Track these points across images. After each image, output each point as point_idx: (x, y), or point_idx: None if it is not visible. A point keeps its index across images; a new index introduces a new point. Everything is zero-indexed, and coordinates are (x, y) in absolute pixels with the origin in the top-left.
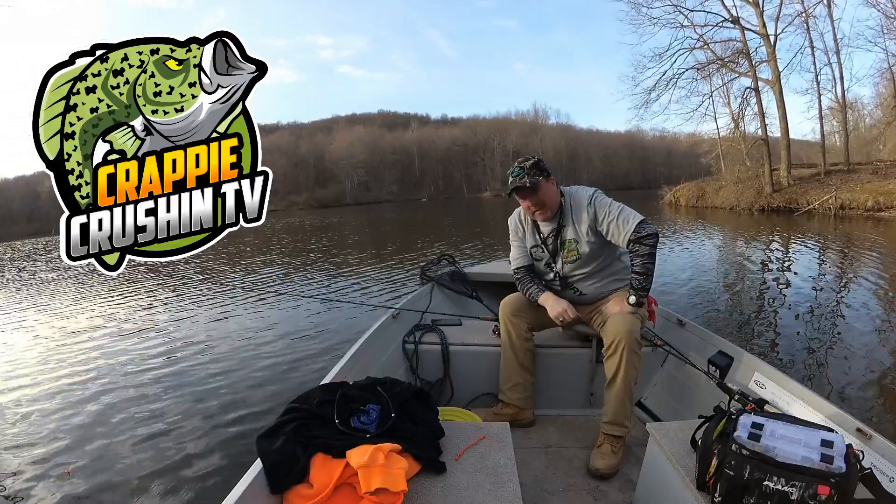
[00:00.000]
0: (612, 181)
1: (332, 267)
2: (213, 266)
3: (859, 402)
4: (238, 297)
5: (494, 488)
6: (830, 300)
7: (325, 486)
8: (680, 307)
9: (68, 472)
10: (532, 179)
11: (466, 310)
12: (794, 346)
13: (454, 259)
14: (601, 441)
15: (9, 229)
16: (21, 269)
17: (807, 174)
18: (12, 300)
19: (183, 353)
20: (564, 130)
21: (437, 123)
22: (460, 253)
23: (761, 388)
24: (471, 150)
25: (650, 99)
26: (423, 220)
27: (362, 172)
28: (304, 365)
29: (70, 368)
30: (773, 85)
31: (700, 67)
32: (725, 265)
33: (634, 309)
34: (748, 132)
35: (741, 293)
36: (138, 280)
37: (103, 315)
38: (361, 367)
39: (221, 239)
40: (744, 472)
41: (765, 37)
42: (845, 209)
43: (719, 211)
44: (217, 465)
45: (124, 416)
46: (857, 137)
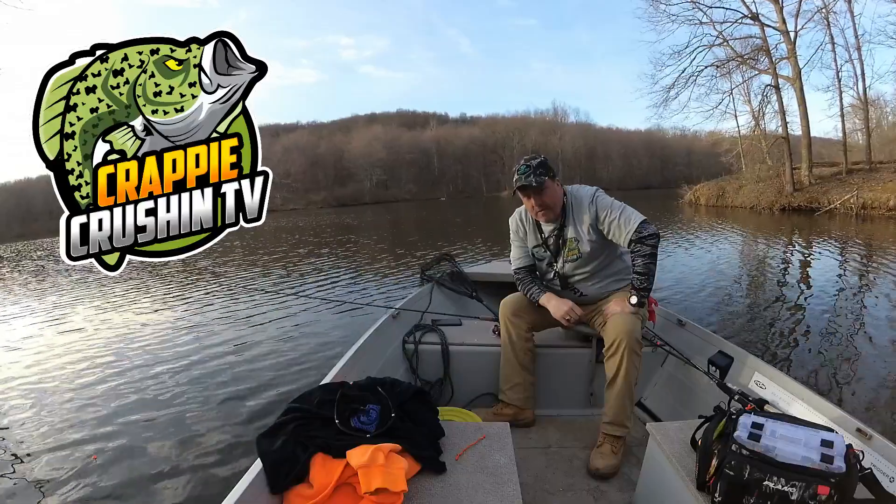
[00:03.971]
0: (632, 180)
1: (333, 267)
2: (212, 266)
3: (859, 402)
4: (238, 297)
5: (494, 488)
6: (843, 301)
7: (325, 486)
8: (692, 307)
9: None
10: (538, 179)
11: (466, 310)
12: (800, 346)
13: (454, 259)
14: (601, 441)
15: (30, 227)
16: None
17: (828, 173)
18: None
19: (182, 353)
20: (584, 129)
21: (456, 122)
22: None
23: (761, 388)
24: (489, 149)
25: (669, 97)
26: (441, 219)
27: (381, 171)
28: (304, 365)
29: (73, 367)
30: (793, 82)
31: (719, 65)
32: (743, 266)
33: (635, 309)
34: (769, 130)
35: (756, 294)
36: (137, 280)
37: (102, 316)
38: (361, 367)
39: (225, 238)
40: (744, 472)
41: (784, 33)
42: (867, 209)
43: (739, 210)
44: (217, 464)
45: (124, 416)
46: (879, 135)
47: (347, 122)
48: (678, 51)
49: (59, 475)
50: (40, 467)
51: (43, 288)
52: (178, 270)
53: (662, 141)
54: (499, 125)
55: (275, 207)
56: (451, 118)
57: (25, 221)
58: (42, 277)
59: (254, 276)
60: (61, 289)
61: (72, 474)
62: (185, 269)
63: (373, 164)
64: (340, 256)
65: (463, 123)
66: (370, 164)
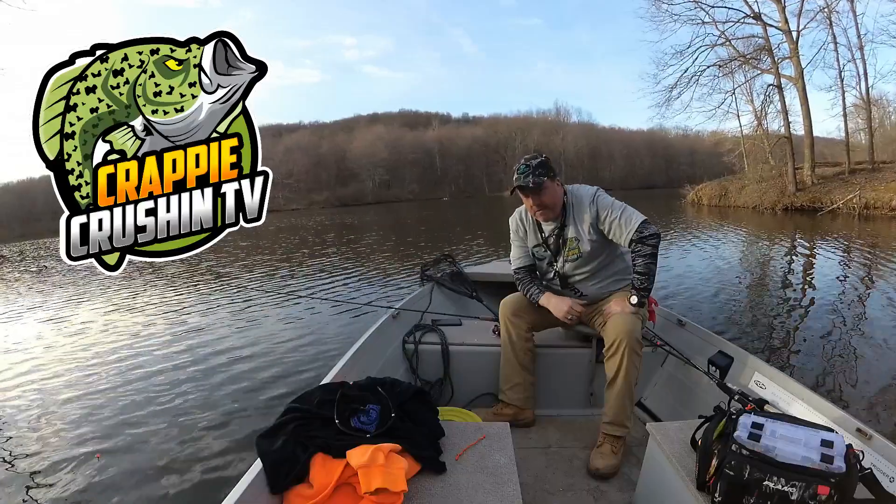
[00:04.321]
0: (635, 180)
1: (333, 267)
2: (216, 266)
3: (860, 402)
4: (238, 297)
5: (494, 488)
6: (844, 302)
7: (325, 486)
8: (695, 307)
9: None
10: (537, 179)
11: (466, 310)
12: (801, 346)
13: (454, 259)
14: (601, 441)
15: (33, 227)
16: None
17: (831, 173)
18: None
19: (182, 353)
20: (586, 129)
21: (459, 122)
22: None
23: (761, 388)
24: (492, 149)
25: (671, 97)
26: (442, 219)
27: (383, 171)
28: (304, 365)
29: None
30: (795, 82)
31: (722, 64)
32: (744, 266)
33: (635, 309)
34: (771, 130)
35: (757, 294)
36: (137, 280)
37: (103, 316)
38: (361, 367)
39: (227, 238)
40: (744, 472)
41: (787, 33)
42: (870, 209)
43: (742, 210)
44: (217, 465)
45: (124, 416)
46: (882, 135)
47: (350, 122)
48: (680, 50)
49: (59, 474)
50: (39, 465)
51: (45, 288)
52: (179, 270)
53: (665, 141)
54: (501, 125)
55: (277, 207)
56: (454, 118)
57: (28, 221)
58: (44, 277)
59: (254, 277)
60: (64, 288)
61: (71, 474)
62: (187, 269)
63: (375, 164)
64: (341, 256)
65: (465, 123)
66: (372, 164)
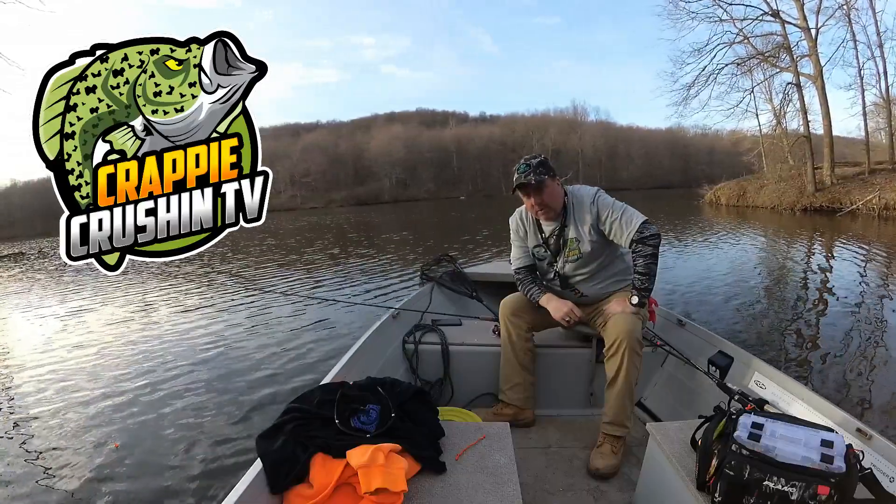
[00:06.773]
0: (653, 179)
1: (334, 267)
2: (211, 265)
3: (860, 402)
4: (238, 297)
5: (494, 488)
6: (849, 302)
7: (325, 486)
8: (703, 307)
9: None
10: (537, 178)
11: (466, 310)
12: (801, 346)
13: (454, 259)
14: (601, 441)
15: (56, 224)
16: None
17: (850, 173)
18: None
19: (182, 352)
20: (604, 127)
21: (476, 121)
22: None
23: (761, 388)
24: (509, 148)
25: (689, 95)
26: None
27: (400, 170)
28: (304, 365)
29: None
30: (815, 80)
31: (740, 62)
32: (760, 268)
33: (636, 309)
34: (790, 129)
35: (768, 295)
36: (138, 280)
37: (107, 315)
38: (361, 367)
39: (239, 235)
40: (744, 472)
41: (805, 30)
42: (889, 209)
43: (760, 210)
44: (216, 465)
45: (123, 415)
46: None
47: (367, 122)
48: (698, 48)
49: (59, 473)
50: (37, 462)
51: (59, 287)
52: (180, 270)
53: (684, 140)
54: (518, 124)
55: (295, 206)
56: (471, 117)
57: (48, 219)
58: (59, 276)
59: (254, 277)
60: (71, 288)
61: (71, 473)
62: (189, 269)
63: (392, 163)
64: (347, 256)
65: (482, 122)
66: (390, 163)
